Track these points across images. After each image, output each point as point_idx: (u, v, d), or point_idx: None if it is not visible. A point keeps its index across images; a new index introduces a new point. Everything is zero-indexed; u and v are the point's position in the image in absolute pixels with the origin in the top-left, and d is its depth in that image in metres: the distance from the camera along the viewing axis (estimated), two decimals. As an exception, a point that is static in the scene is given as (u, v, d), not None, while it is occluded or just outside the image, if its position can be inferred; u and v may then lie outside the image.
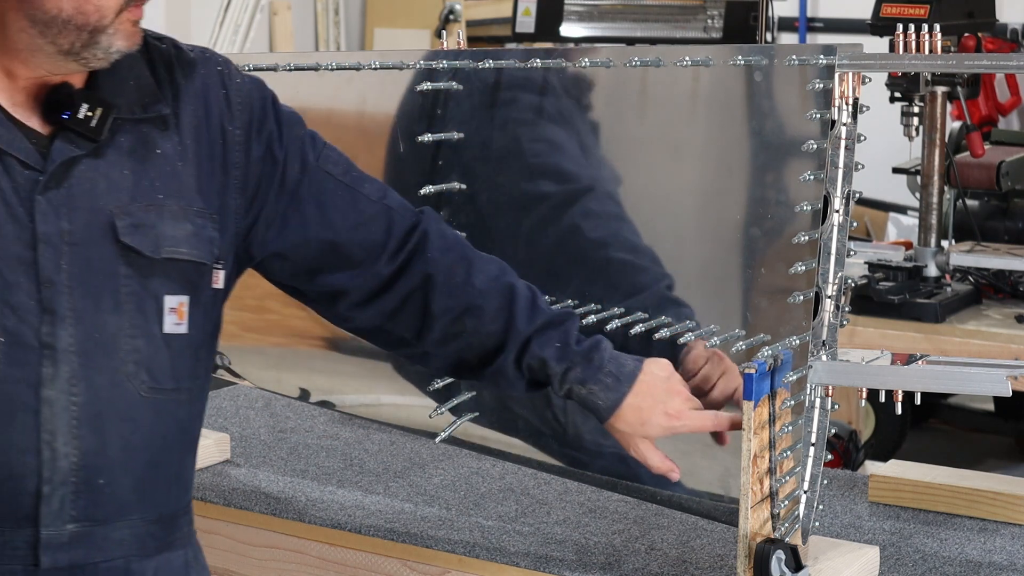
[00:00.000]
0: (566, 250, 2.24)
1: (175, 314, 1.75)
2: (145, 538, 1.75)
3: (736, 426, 1.90)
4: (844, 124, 1.98)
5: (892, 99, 3.77)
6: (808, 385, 2.00)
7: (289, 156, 1.87)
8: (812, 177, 1.98)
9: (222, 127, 1.81)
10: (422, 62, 2.33)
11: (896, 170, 4.18)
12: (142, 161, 1.74)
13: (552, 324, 1.92)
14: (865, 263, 3.84)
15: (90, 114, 1.70)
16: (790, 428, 1.98)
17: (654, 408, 1.89)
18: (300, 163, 1.88)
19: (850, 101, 1.99)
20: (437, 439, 2.38)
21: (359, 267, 1.91)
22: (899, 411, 2.06)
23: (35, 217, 1.66)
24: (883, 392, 2.04)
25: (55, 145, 1.69)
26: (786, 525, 1.98)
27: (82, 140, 1.70)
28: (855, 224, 3.60)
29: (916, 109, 3.74)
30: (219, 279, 1.81)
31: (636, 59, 2.12)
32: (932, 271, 3.79)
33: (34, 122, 1.71)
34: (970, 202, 4.14)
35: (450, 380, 2.33)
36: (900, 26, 2.00)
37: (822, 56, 1.98)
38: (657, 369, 1.92)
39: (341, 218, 1.90)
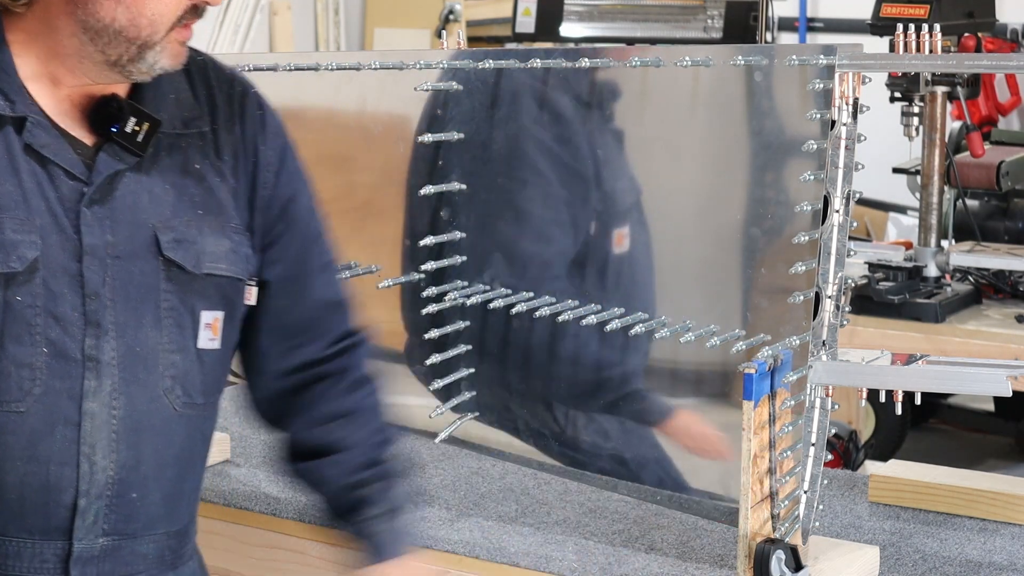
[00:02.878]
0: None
1: (210, 329, 1.74)
2: (164, 552, 1.76)
3: None
4: (844, 124, 1.98)
5: (892, 99, 3.77)
6: (808, 385, 2.00)
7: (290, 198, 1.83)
8: (812, 177, 1.98)
9: (255, 145, 1.79)
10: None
11: (896, 170, 4.17)
12: (181, 176, 1.73)
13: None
14: (865, 263, 3.84)
15: (137, 128, 1.69)
16: (790, 428, 1.98)
17: None
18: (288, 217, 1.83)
19: (850, 101, 1.99)
20: (437, 439, 2.38)
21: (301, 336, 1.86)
22: (899, 411, 2.06)
23: (81, 229, 1.65)
24: (883, 392, 2.04)
25: (100, 157, 1.68)
26: (786, 525, 1.98)
27: (126, 153, 1.69)
28: (855, 224, 3.60)
29: (916, 109, 3.73)
30: (252, 295, 1.80)
31: (636, 59, 2.12)
32: (932, 271, 3.78)
33: (78, 132, 1.69)
34: (970, 202, 4.13)
35: (450, 380, 2.33)
36: (900, 26, 2.00)
37: (822, 56, 1.98)
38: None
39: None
